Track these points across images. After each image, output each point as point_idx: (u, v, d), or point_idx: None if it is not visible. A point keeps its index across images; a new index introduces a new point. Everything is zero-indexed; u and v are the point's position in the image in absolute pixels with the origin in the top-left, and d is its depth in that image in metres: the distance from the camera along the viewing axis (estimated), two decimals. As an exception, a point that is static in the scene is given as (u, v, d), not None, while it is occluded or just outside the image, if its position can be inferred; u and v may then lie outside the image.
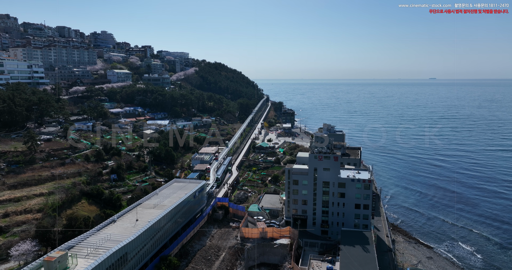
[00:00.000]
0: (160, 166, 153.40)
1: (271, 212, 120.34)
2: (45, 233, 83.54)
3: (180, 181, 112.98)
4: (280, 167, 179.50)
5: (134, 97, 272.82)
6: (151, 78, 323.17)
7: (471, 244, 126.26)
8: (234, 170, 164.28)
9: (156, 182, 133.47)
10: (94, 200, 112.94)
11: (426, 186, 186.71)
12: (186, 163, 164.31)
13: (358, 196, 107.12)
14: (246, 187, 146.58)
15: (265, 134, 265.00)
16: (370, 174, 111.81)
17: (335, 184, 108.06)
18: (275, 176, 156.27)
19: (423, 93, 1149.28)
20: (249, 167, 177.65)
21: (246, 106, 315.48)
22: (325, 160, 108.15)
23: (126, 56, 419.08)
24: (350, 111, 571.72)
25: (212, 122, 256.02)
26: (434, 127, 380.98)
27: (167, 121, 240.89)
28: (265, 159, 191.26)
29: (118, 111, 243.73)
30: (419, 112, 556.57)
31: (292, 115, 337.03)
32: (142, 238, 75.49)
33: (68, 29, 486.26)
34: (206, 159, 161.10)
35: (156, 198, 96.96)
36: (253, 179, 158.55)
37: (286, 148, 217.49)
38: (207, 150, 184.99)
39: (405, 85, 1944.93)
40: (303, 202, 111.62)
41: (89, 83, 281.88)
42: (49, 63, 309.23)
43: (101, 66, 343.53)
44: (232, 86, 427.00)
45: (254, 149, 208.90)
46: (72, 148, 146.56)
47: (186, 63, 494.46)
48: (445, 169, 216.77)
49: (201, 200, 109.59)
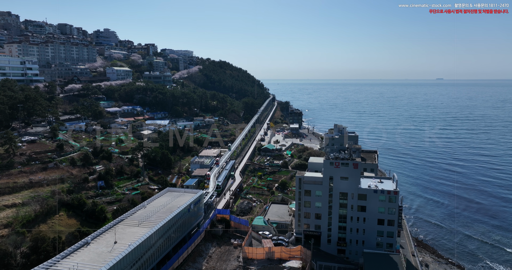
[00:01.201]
0: (155, 171, 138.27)
1: (278, 226, 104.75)
2: (4, 256, 68.56)
3: (174, 191, 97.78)
4: (288, 172, 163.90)
5: (133, 95, 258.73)
6: (152, 76, 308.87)
7: (508, 265, 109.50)
8: (237, 175, 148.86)
9: (149, 190, 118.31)
10: (75, 211, 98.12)
11: (446, 195, 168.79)
12: (184, 167, 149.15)
13: (381, 210, 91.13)
14: (250, 196, 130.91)
15: (271, 135, 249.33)
16: (394, 183, 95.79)
17: (355, 195, 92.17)
18: (283, 183, 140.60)
19: (432, 93, 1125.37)
20: (254, 171, 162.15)
21: (251, 106, 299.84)
22: (343, 167, 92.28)
23: (128, 53, 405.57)
24: (359, 111, 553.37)
25: (215, 122, 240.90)
26: (448, 129, 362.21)
27: (167, 121, 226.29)
28: (271, 162, 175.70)
29: (115, 110, 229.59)
30: (431, 112, 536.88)
31: (300, 115, 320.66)
32: (119, 268, 60.31)
33: (70, 26, 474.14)
34: (206, 163, 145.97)
35: (143, 212, 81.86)
36: (258, 186, 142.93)
37: (294, 150, 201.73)
38: (208, 153, 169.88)
39: (412, 85, 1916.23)
40: (317, 216, 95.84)
41: (86, 81, 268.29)
42: (46, 60, 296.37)
43: (101, 63, 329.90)
44: (237, 85, 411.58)
45: (259, 152, 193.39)
46: (58, 150, 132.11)
47: (190, 61, 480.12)
48: (465, 176, 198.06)
49: (197, 213, 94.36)
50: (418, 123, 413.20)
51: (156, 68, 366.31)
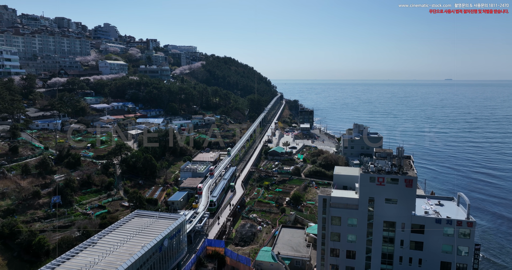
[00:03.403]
0: (134, 181, 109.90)
1: (293, 264, 75.58)
2: None
3: (144, 215, 68.99)
4: (301, 181, 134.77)
5: (126, 91, 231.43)
6: (148, 70, 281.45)
7: None
8: (238, 186, 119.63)
9: (120, 209, 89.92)
10: (7, 244, 69.95)
11: (503, 209, 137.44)
12: (173, 176, 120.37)
13: (447, 249, 61.67)
14: (255, 215, 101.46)
15: (280, 136, 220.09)
16: (463, 209, 66.13)
17: (407, 226, 62.83)
18: (296, 197, 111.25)
19: (445, 93, 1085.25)
20: (259, 180, 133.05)
21: (257, 103, 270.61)
22: (389, 185, 62.95)
23: (126, 48, 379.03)
24: (373, 111, 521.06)
25: (215, 121, 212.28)
26: (473, 132, 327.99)
27: (161, 119, 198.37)
28: (280, 169, 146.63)
29: (102, 107, 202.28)
30: (449, 112, 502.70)
31: (311, 114, 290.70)
32: None
33: (68, 20, 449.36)
34: (200, 171, 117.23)
35: (88, 254, 53.36)
36: (265, 200, 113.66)
37: (307, 154, 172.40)
38: (205, 157, 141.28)
39: (423, 85, 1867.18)
40: (349, 254, 66.66)
41: (75, 75, 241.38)
42: (33, 52, 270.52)
43: (94, 57, 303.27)
44: (242, 81, 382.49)
45: (266, 155, 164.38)
46: (10, 154, 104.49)
47: (193, 57, 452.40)
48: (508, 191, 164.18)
49: (176, 249, 65.62)
50: (437, 124, 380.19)
51: (155, 63, 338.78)
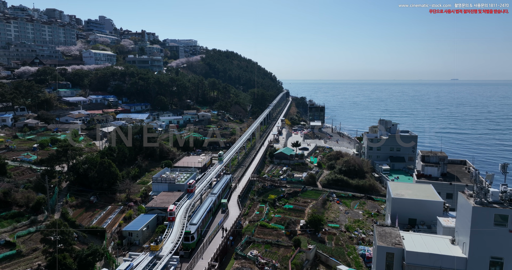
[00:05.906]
0: (84, 198, 77.06)
1: None
2: None
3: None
4: (318, 193, 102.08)
5: (109, 82, 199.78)
6: (136, 60, 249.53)
7: None
8: (233, 204, 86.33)
9: (41, 248, 57.18)
10: None
11: None
12: (141, 190, 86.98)
13: None
14: (255, 252, 67.74)
15: (288, 135, 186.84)
16: None
17: None
18: (315, 220, 77.81)
19: (457, 91, 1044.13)
20: (263, 192, 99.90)
21: (261, 98, 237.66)
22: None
23: (118, 39, 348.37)
24: (387, 109, 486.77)
25: (212, 117, 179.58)
26: (505, 133, 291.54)
27: (146, 115, 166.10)
28: (290, 176, 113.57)
29: (77, 100, 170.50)
30: (468, 111, 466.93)
31: (322, 111, 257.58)
32: None
33: (60, 12, 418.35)
34: (180, 182, 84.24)
35: None
36: (270, 224, 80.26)
37: (321, 156, 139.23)
38: (191, 162, 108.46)
39: (431, 85, 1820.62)
40: None
41: (52, 64, 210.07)
42: (8, 41, 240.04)
43: (80, 47, 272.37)
44: (245, 76, 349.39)
45: (271, 159, 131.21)
46: None
47: (193, 51, 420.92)
48: None
49: None
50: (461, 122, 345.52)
51: (149, 55, 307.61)
